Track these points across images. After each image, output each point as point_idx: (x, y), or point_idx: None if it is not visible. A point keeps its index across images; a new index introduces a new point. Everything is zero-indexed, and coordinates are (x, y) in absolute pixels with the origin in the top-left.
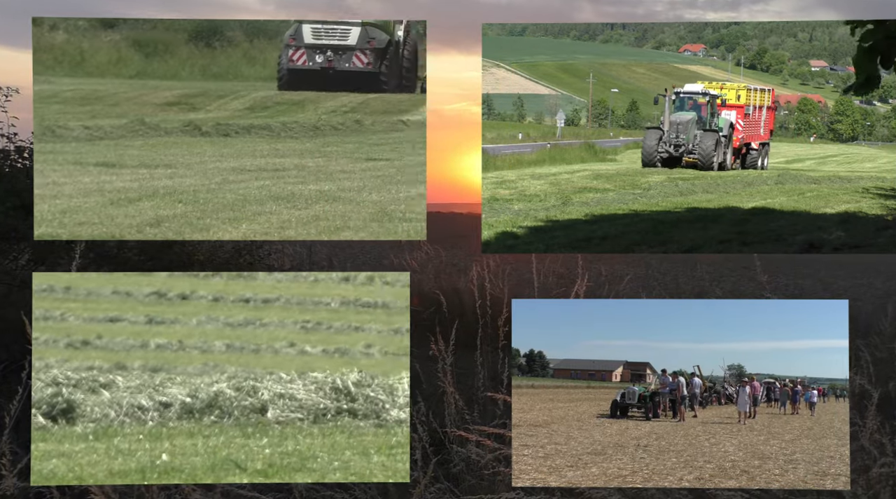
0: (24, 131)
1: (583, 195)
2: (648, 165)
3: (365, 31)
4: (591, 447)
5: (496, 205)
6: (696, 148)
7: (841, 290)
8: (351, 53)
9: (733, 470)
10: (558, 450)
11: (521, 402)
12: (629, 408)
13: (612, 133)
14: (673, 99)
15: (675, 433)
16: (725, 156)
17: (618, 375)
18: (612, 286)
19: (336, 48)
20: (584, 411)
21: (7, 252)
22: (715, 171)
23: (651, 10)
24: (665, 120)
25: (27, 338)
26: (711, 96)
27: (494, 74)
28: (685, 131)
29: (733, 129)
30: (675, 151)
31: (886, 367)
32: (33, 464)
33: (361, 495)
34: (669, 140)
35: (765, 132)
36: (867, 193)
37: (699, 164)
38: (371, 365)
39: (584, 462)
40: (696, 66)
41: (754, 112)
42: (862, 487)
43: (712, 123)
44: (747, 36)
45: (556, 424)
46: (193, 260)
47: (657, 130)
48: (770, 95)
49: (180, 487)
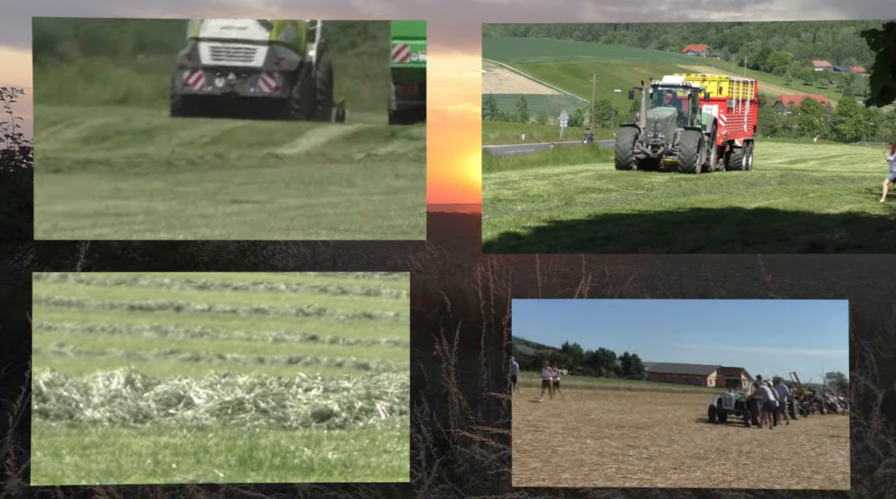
0: (27, 132)
1: (586, 196)
2: (623, 167)
3: (272, 51)
4: (694, 451)
5: (499, 205)
6: (676, 148)
7: (844, 289)
8: (256, 76)
9: (844, 482)
10: (662, 452)
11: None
12: (727, 413)
13: (616, 134)
14: (650, 92)
15: (778, 441)
16: (709, 156)
17: (712, 379)
18: (616, 286)
19: (239, 70)
20: (683, 414)
21: (12, 252)
22: (697, 173)
23: (655, 10)
24: (642, 116)
25: (30, 338)
26: (693, 90)
27: (498, 75)
28: (664, 129)
29: (716, 125)
30: (653, 152)
31: (891, 367)
32: (33, 464)
33: (365, 495)
34: (646, 139)
35: (748, 128)
36: (870, 194)
37: (680, 166)
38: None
39: (688, 466)
40: (699, 67)
41: (737, 106)
42: (867, 487)
43: (694, 120)
44: (751, 36)
45: (656, 426)
46: (198, 260)
47: (632, 128)
48: (753, 88)
49: (184, 487)
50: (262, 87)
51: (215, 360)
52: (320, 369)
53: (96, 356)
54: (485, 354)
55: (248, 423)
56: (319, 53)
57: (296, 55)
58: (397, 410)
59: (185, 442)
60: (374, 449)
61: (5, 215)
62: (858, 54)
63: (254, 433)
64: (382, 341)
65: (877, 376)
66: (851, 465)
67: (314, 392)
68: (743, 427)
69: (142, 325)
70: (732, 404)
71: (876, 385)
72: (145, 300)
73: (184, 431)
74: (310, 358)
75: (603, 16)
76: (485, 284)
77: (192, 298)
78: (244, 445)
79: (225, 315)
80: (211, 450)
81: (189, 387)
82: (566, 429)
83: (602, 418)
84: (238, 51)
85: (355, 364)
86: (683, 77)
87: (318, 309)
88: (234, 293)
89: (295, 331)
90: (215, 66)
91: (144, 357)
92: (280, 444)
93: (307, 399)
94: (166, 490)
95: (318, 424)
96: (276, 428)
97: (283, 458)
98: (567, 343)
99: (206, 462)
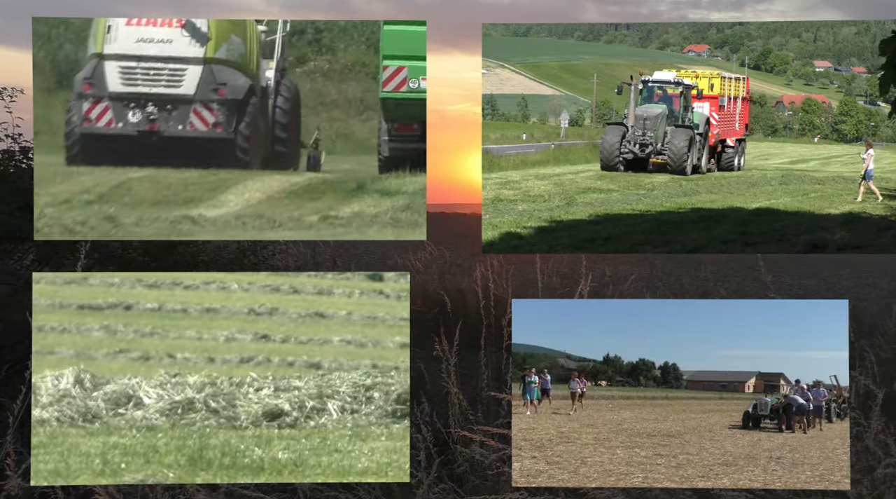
0: (27, 132)
1: (587, 196)
2: (609, 167)
3: (209, 72)
4: (723, 458)
5: (500, 205)
6: (665, 148)
7: (844, 289)
8: (187, 109)
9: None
10: (690, 460)
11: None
12: (761, 419)
13: None
14: (640, 88)
15: (810, 446)
16: (700, 156)
17: (750, 385)
18: (617, 286)
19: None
20: (716, 421)
21: (12, 252)
22: (688, 174)
23: (655, 10)
24: (630, 114)
25: (30, 338)
26: (685, 86)
27: (498, 75)
28: (653, 127)
29: (708, 124)
30: (641, 151)
31: (891, 367)
32: (33, 464)
33: (365, 495)
34: (634, 138)
35: (740, 127)
36: (870, 194)
37: (669, 166)
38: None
39: (716, 473)
40: (700, 67)
41: (729, 104)
42: (867, 487)
43: (685, 118)
44: (751, 36)
45: (688, 434)
46: (198, 261)
47: (620, 127)
48: (745, 85)
49: (184, 487)
50: (196, 123)
51: (165, 359)
52: (271, 369)
53: (45, 356)
54: (485, 354)
55: (199, 423)
56: (279, 74)
57: (243, 78)
58: (349, 409)
59: (135, 442)
60: (325, 448)
61: (5, 215)
62: (859, 54)
63: (204, 433)
64: (335, 340)
65: (877, 376)
66: (851, 465)
67: (265, 392)
68: (776, 433)
69: (91, 324)
70: (768, 409)
71: (876, 385)
72: (94, 300)
73: (133, 431)
74: (261, 357)
75: (604, 16)
76: (485, 284)
77: (141, 297)
78: (194, 444)
79: (175, 315)
80: (160, 450)
81: (139, 387)
82: (597, 439)
83: (634, 428)
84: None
85: (307, 363)
86: (675, 73)
87: (270, 308)
88: (184, 292)
89: (246, 330)
90: (128, 94)
91: (94, 357)
92: (230, 443)
93: (258, 399)
94: (166, 490)
95: (269, 423)
96: (226, 428)
97: (234, 457)
98: (608, 355)
99: (155, 462)
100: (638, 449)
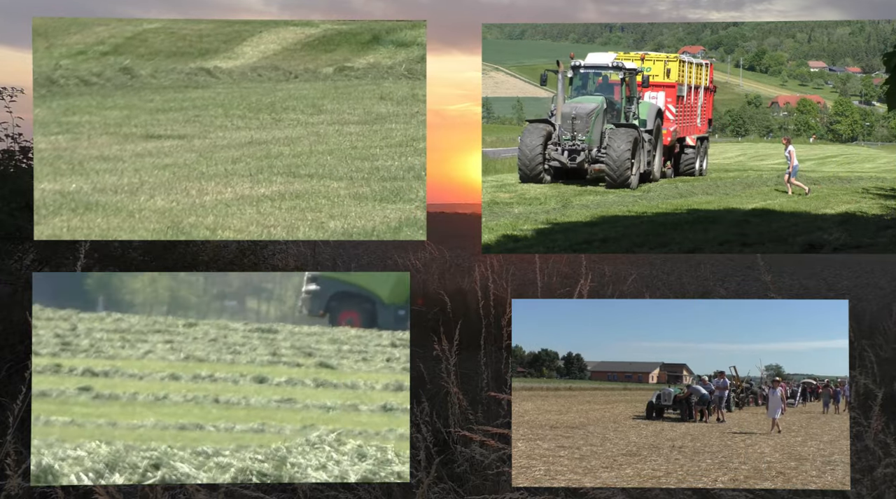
0: (27, 132)
1: (583, 198)
2: (530, 179)
3: None
4: (627, 449)
5: (496, 208)
6: (602, 153)
7: (844, 289)
8: None
9: (769, 471)
10: (594, 451)
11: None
12: (665, 409)
13: None
14: (570, 76)
15: (711, 435)
16: (651, 160)
17: (654, 376)
18: (617, 286)
19: None
20: (620, 412)
21: (12, 252)
22: (633, 187)
23: (654, 10)
24: (557, 109)
25: (30, 338)
26: (628, 71)
27: (493, 78)
28: (585, 128)
29: (662, 119)
30: (571, 160)
31: (891, 367)
32: (33, 464)
33: (365, 495)
34: (562, 142)
35: (702, 123)
36: (867, 194)
37: (608, 177)
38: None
39: (619, 463)
40: None
41: (689, 94)
42: (867, 487)
43: (629, 113)
44: (746, 37)
45: (592, 425)
46: (198, 260)
47: (543, 125)
48: (708, 71)
49: (184, 487)
50: None
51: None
52: None
53: None
54: (485, 354)
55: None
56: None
57: None
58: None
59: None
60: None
61: (5, 215)
62: (854, 54)
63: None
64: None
65: (877, 376)
66: (851, 465)
67: None
68: (678, 423)
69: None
70: (671, 400)
71: (876, 385)
72: None
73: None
74: None
75: (603, 15)
76: (484, 284)
77: None
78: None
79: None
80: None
81: None
82: None
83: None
84: None
85: None
86: (615, 55)
87: None
88: None
89: None
90: None
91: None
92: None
93: None
94: (166, 490)
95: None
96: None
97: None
98: None
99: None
100: (539, 441)
